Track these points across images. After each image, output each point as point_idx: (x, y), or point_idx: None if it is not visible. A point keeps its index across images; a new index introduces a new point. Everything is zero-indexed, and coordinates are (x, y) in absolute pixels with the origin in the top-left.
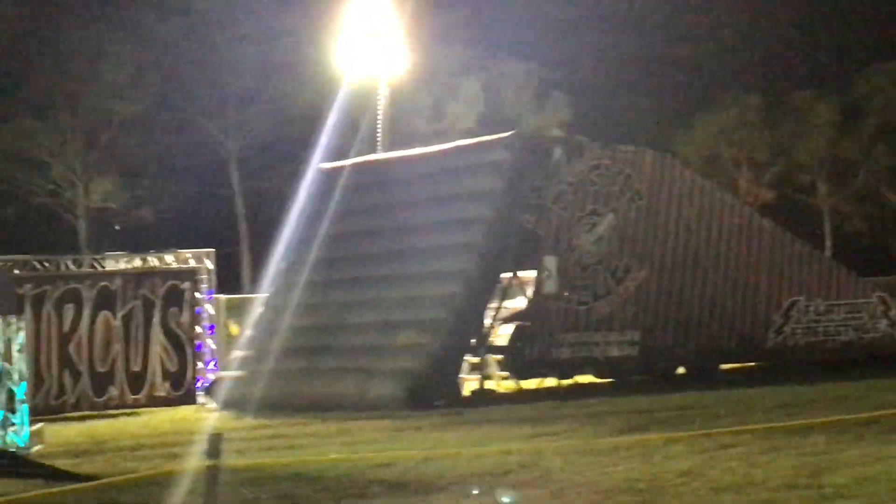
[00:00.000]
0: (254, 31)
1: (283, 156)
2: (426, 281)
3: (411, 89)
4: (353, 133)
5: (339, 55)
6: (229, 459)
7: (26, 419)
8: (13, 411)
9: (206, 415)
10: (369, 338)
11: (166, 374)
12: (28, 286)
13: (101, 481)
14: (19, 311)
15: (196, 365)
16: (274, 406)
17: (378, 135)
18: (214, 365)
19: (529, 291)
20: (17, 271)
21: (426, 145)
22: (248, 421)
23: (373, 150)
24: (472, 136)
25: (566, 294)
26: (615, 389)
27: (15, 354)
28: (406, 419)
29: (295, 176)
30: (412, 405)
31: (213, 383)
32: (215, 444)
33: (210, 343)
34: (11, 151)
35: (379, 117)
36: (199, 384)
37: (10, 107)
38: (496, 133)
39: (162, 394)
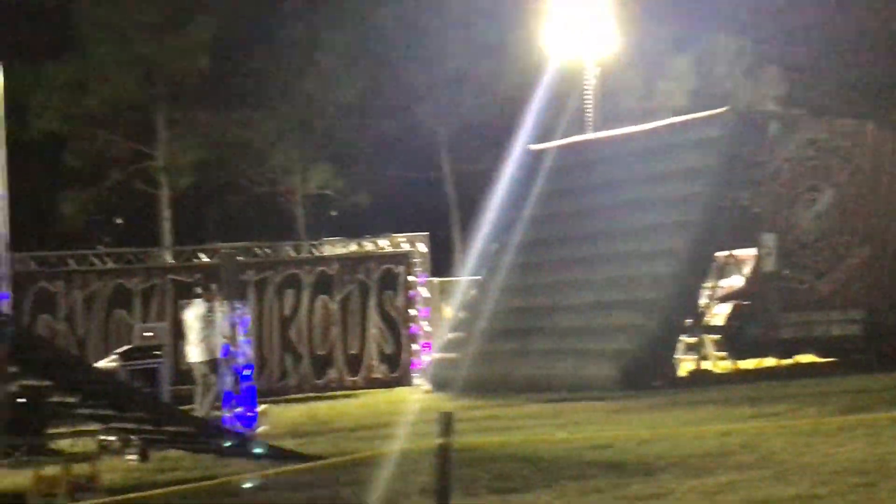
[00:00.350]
0: (462, 14)
1: (493, 138)
2: (639, 260)
3: (620, 68)
4: (561, 113)
5: (547, 35)
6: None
7: (252, 401)
8: (239, 393)
9: (421, 396)
10: (583, 319)
11: (383, 357)
12: (250, 272)
13: (328, 461)
14: (243, 297)
15: (411, 347)
16: (487, 387)
17: (587, 114)
18: (429, 347)
19: (746, 270)
20: (240, 258)
21: (636, 124)
22: (463, 402)
23: (581, 130)
24: (683, 114)
25: (785, 272)
26: (838, 369)
27: (240, 338)
28: (622, 400)
29: (504, 158)
30: (627, 386)
31: (428, 365)
32: (446, 421)
33: (424, 325)
34: (233, 142)
35: (588, 97)
36: (414, 366)
37: (230, 98)
38: (708, 110)
39: (378, 376)
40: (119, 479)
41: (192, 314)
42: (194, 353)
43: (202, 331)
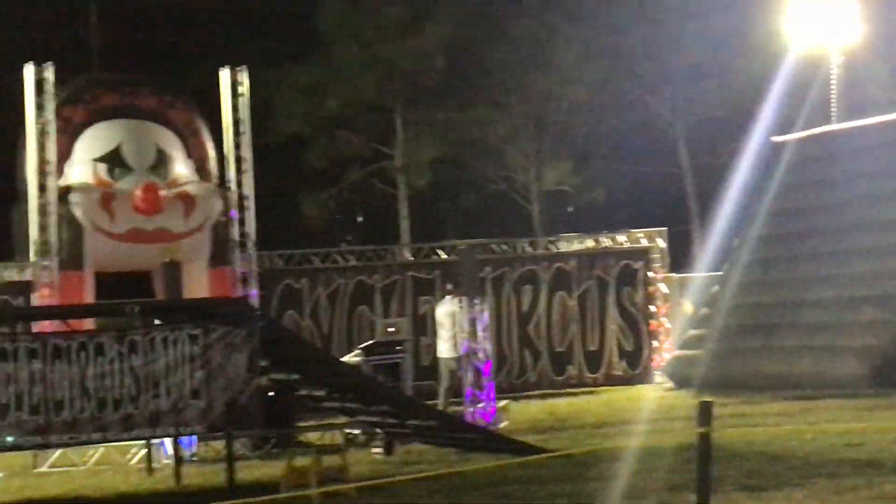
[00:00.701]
0: (699, 4)
1: (732, 130)
2: (888, 255)
3: (866, 56)
4: (803, 104)
5: (789, 23)
6: (687, 437)
7: (493, 396)
8: (480, 388)
9: (662, 393)
10: (829, 314)
11: (622, 353)
12: (488, 269)
13: (570, 454)
14: (481, 293)
15: (651, 344)
16: (730, 384)
17: (831, 105)
18: (670, 344)
19: None
20: (477, 255)
21: (883, 114)
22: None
23: (825, 121)
24: None
25: None
26: None
27: (480, 334)
28: (872, 398)
29: (744, 150)
30: (877, 384)
31: (669, 362)
32: (706, 412)
33: (665, 322)
34: (469, 140)
35: (832, 87)
36: (654, 363)
37: (466, 96)
38: None
39: (618, 373)
40: (365, 472)
41: (443, 311)
42: (444, 348)
43: (452, 327)
